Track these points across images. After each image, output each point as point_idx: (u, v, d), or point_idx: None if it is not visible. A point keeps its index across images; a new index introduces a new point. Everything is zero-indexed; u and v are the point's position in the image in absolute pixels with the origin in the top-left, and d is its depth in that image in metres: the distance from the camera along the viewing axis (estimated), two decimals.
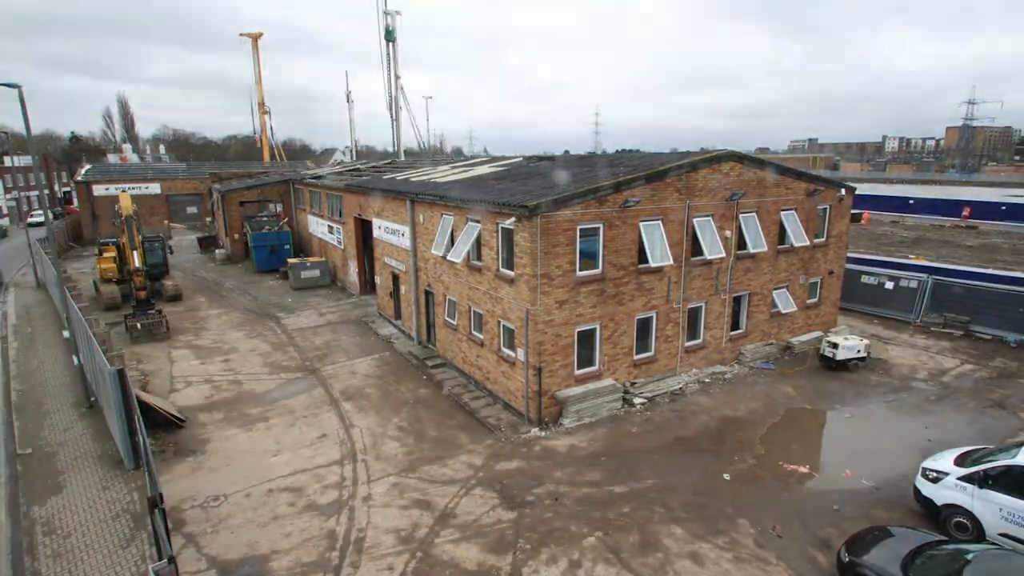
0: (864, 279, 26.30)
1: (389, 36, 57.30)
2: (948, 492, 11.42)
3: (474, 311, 18.57)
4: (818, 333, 22.20)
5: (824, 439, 15.74)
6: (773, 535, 11.41)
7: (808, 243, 20.88)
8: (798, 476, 13.58)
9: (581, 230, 15.61)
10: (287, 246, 37.91)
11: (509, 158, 30.75)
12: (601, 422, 16.21)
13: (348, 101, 76.33)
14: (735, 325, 20.25)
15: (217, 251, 41.71)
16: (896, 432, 15.66)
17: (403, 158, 56.75)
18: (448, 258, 18.77)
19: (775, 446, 14.93)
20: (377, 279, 27.08)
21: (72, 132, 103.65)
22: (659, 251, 17.12)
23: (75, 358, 18.18)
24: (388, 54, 57.31)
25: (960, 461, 11.85)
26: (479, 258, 17.75)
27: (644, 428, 15.91)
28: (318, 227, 36.44)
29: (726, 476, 13.53)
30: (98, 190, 49.61)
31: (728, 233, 18.70)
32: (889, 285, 25.64)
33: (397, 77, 57.77)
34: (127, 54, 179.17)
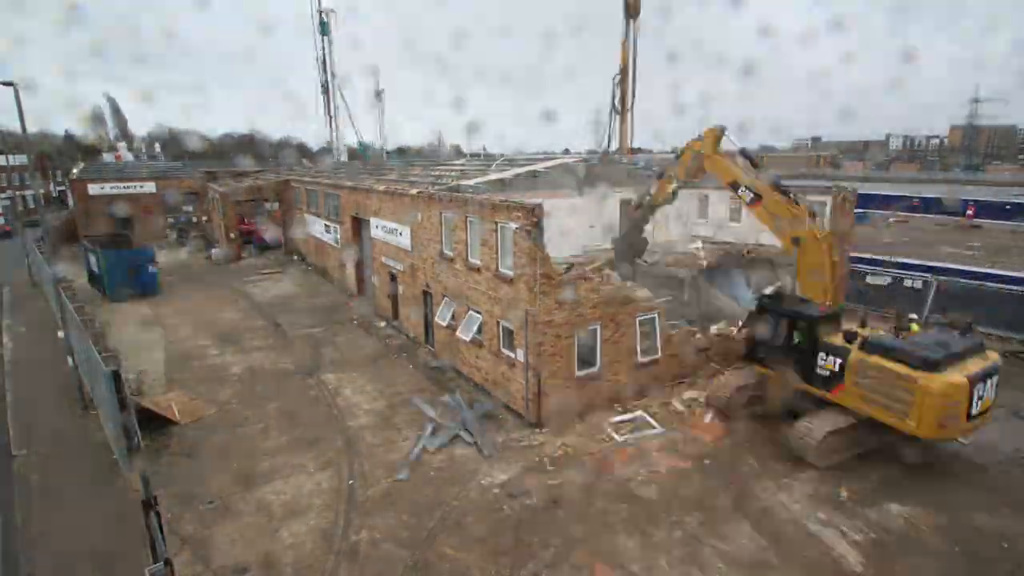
0: (869, 279, 26.11)
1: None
2: None
3: (473, 311, 18.39)
4: None
5: None
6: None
7: None
8: None
9: None
10: (151, 267, 30.56)
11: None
12: None
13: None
14: None
15: (214, 251, 41.64)
16: None
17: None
18: (445, 253, 18.59)
19: None
20: (375, 279, 26.91)
21: (67, 130, 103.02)
22: None
23: (70, 359, 18.00)
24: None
25: None
26: (478, 257, 17.58)
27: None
28: (315, 226, 36.23)
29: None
30: (93, 189, 49.28)
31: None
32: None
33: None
34: None
